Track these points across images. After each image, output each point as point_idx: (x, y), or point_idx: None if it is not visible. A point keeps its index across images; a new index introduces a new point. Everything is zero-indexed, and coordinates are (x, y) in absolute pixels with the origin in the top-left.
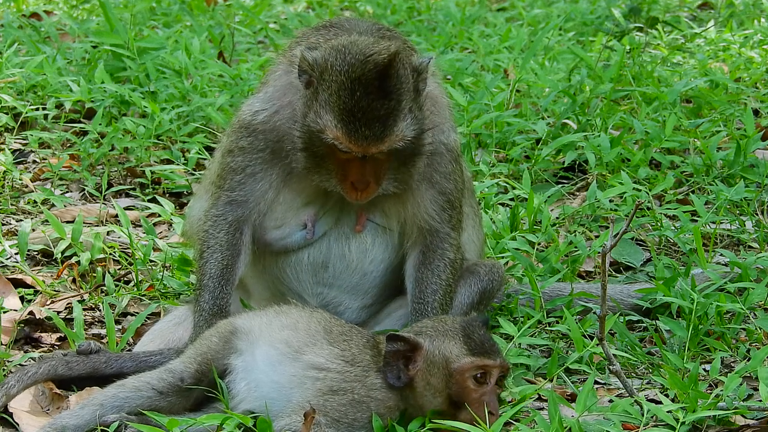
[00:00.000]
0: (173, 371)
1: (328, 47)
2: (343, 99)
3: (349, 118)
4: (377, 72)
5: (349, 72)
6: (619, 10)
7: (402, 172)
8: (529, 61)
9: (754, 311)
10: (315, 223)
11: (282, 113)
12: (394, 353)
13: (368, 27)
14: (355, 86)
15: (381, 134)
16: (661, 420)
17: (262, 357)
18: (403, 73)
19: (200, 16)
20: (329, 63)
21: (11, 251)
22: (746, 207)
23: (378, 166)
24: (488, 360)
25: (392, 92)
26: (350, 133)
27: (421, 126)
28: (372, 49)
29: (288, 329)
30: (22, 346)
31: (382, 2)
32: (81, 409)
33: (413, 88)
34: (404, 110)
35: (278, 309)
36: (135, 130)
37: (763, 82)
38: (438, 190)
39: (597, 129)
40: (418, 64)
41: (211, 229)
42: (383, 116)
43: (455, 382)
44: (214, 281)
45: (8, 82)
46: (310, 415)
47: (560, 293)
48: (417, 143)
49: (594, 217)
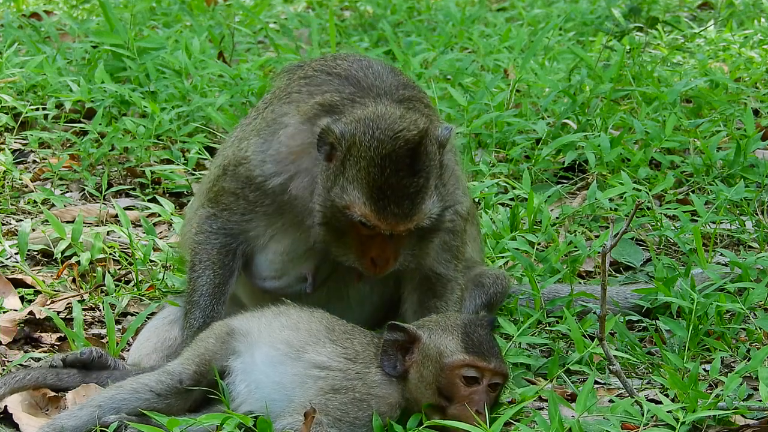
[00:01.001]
0: (171, 373)
1: (354, 119)
2: (373, 176)
3: (379, 195)
4: (408, 149)
5: (378, 148)
6: (619, 10)
7: (421, 247)
8: (529, 61)
9: (754, 311)
10: (315, 275)
11: (298, 180)
12: (392, 342)
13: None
14: (385, 163)
15: (410, 212)
16: (661, 420)
17: (262, 358)
18: (431, 149)
19: (200, 16)
20: (357, 137)
21: (11, 251)
22: (746, 207)
23: (399, 242)
24: (481, 361)
25: (422, 170)
26: (379, 210)
27: (445, 202)
28: (401, 124)
29: (289, 329)
30: (22, 346)
31: (382, 2)
32: (80, 410)
33: (439, 163)
34: (431, 187)
35: (277, 310)
36: (135, 130)
37: (763, 82)
38: (446, 248)
39: (597, 129)
40: (443, 138)
41: (204, 244)
42: (413, 194)
43: (445, 376)
44: (205, 299)
45: (8, 82)
46: (310, 415)
47: (557, 294)
48: (439, 220)
49: (594, 217)
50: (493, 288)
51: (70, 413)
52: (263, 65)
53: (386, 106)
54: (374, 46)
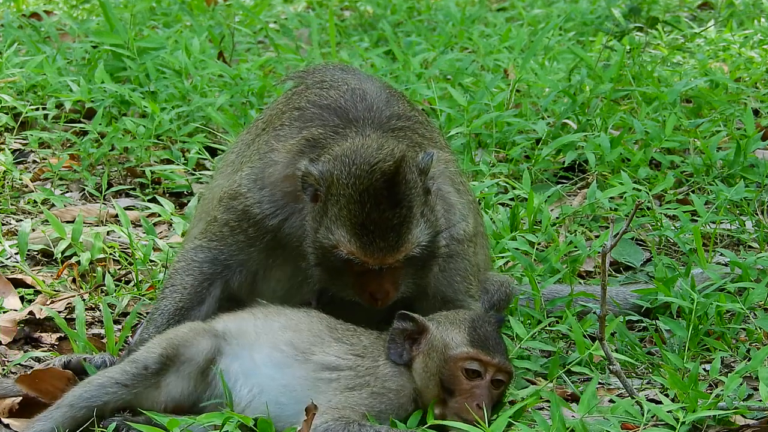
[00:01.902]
0: (136, 361)
1: (331, 158)
2: (354, 212)
3: (362, 231)
4: (384, 181)
5: (356, 184)
6: (619, 10)
7: (419, 275)
8: (529, 61)
9: (754, 311)
10: (319, 301)
11: (292, 220)
12: (401, 331)
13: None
14: (365, 198)
15: (396, 244)
16: (661, 420)
17: (264, 360)
18: (411, 177)
19: (200, 16)
20: (335, 176)
21: (11, 251)
22: (746, 207)
23: (395, 273)
24: (485, 355)
25: (403, 200)
26: (365, 246)
27: (435, 228)
28: (377, 156)
29: (290, 330)
30: (22, 346)
31: (382, 2)
32: (54, 411)
33: (422, 190)
34: (416, 215)
35: (267, 310)
36: (135, 130)
37: (763, 82)
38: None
39: (597, 129)
40: (423, 165)
41: (182, 270)
42: (396, 225)
43: (448, 368)
44: (163, 317)
45: (8, 82)
46: (311, 411)
47: (557, 294)
48: (432, 246)
49: (594, 217)
50: (498, 295)
51: (45, 415)
52: (263, 65)
53: (365, 138)
54: (374, 46)
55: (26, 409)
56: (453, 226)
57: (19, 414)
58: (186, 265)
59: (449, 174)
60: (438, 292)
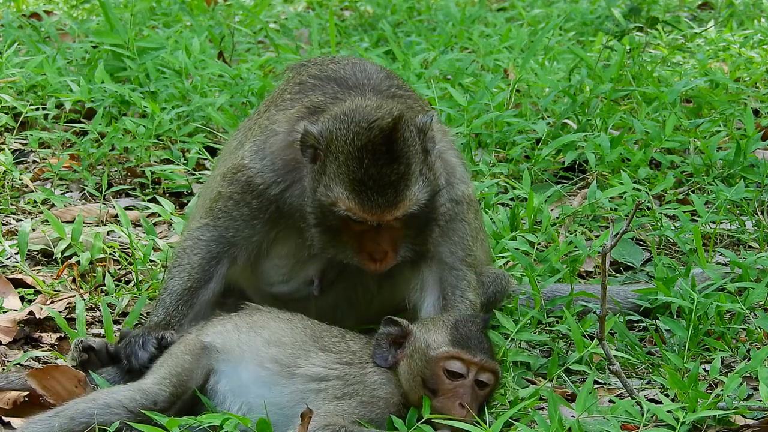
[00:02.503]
0: (146, 393)
1: (330, 117)
2: (352, 169)
3: (361, 187)
4: (383, 137)
5: (354, 141)
6: (619, 10)
7: (419, 237)
8: (529, 61)
9: (754, 311)
10: (322, 278)
11: (294, 189)
12: (386, 336)
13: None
14: (363, 154)
15: (394, 200)
16: (661, 420)
17: (251, 379)
18: (409, 135)
19: (200, 16)
20: (334, 134)
21: (11, 251)
22: (746, 207)
23: (394, 234)
24: (466, 354)
25: (401, 156)
26: (363, 202)
27: (434, 187)
28: (375, 114)
29: (274, 345)
30: (22, 346)
31: (382, 2)
32: (52, 418)
33: (421, 149)
34: (415, 173)
35: (251, 320)
36: (135, 130)
37: (763, 82)
38: (448, 233)
39: (597, 129)
40: (422, 124)
41: (189, 249)
42: (395, 182)
43: (429, 368)
44: (172, 298)
45: (8, 82)
46: (307, 416)
47: (557, 293)
48: (431, 206)
49: (594, 217)
50: (493, 287)
51: (41, 420)
52: (263, 65)
53: (365, 99)
54: (374, 46)
55: (28, 406)
56: (453, 186)
57: (21, 410)
58: (193, 244)
59: (450, 138)
60: (436, 255)
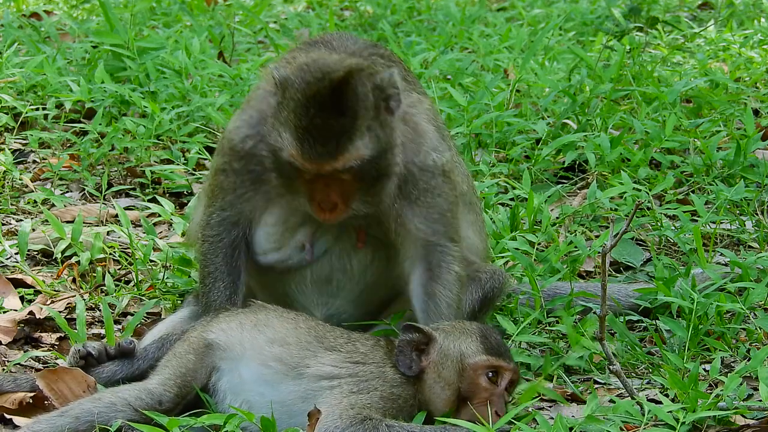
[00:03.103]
0: (152, 393)
1: (295, 65)
2: (299, 116)
3: (304, 135)
4: (332, 89)
5: (305, 89)
6: (619, 10)
7: (371, 193)
8: (529, 61)
9: (754, 311)
10: (313, 243)
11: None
12: (408, 342)
13: (358, 45)
14: (310, 103)
15: (335, 152)
16: (661, 420)
17: (252, 377)
18: (361, 90)
19: (200, 16)
20: (290, 81)
21: (11, 251)
22: (746, 207)
23: (343, 187)
24: (503, 361)
25: (348, 109)
26: (304, 151)
27: (383, 146)
28: (331, 66)
29: (278, 345)
30: (22, 346)
31: (382, 2)
32: (58, 417)
33: (374, 105)
34: (361, 128)
35: (256, 318)
36: (135, 130)
37: (763, 82)
38: (424, 206)
39: (597, 129)
40: (381, 81)
41: (209, 253)
42: (338, 133)
43: (468, 377)
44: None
45: (8, 82)
46: (314, 416)
47: (558, 293)
48: (381, 163)
49: (594, 217)
50: (490, 282)
51: (47, 419)
52: (263, 65)
53: (333, 53)
54: None
55: (31, 407)
56: (421, 152)
57: (24, 411)
58: (211, 246)
59: (425, 109)
60: (417, 231)
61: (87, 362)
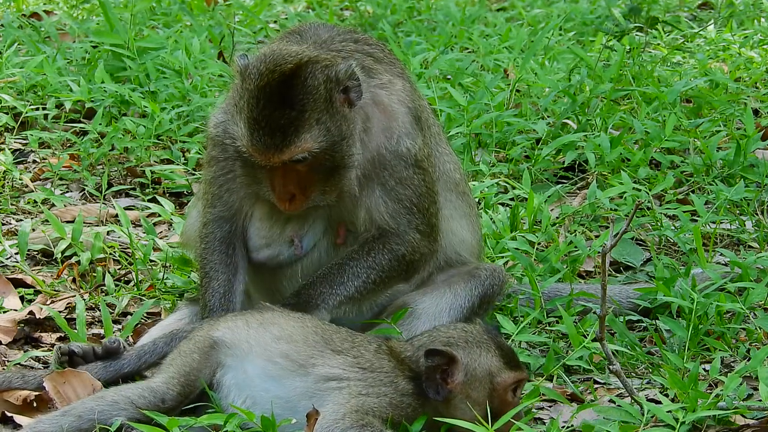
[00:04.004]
0: (155, 391)
1: (257, 56)
2: (251, 107)
3: (253, 126)
4: (281, 81)
5: (258, 81)
6: (619, 10)
7: (329, 184)
8: (529, 61)
9: (754, 311)
10: (302, 238)
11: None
12: (434, 368)
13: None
14: (260, 95)
15: (281, 144)
16: (661, 420)
17: (257, 372)
18: (311, 82)
19: (200, 16)
20: (248, 71)
21: (11, 251)
22: (746, 207)
23: (300, 177)
24: (523, 373)
25: (296, 102)
26: (253, 141)
27: (335, 138)
28: (285, 58)
29: (284, 341)
30: (22, 346)
31: (382, 2)
32: (61, 417)
33: (325, 98)
34: (310, 120)
35: (262, 317)
36: (135, 130)
37: (763, 82)
38: (392, 197)
39: (597, 129)
40: (336, 73)
41: (205, 252)
42: (284, 126)
43: (497, 396)
44: (216, 312)
45: (8, 82)
46: (312, 417)
47: (558, 293)
48: (335, 155)
49: (594, 217)
50: (489, 280)
51: (49, 419)
52: None
53: (296, 46)
54: None
55: (34, 408)
56: (393, 137)
57: (26, 410)
58: (206, 245)
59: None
60: (381, 221)
61: (73, 361)
